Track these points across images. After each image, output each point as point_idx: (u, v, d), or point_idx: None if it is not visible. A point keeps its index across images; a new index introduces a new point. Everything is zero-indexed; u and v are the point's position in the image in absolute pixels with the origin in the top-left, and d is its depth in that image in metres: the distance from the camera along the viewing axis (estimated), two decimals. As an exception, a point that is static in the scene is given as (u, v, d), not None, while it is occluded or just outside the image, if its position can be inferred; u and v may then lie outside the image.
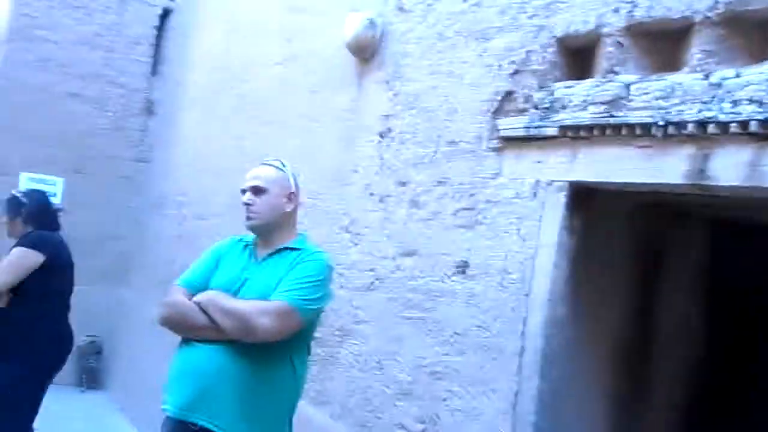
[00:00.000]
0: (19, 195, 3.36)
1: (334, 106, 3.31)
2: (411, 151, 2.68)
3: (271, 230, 2.17)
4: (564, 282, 1.99)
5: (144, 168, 6.10)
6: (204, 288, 2.13)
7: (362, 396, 2.71)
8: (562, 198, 1.99)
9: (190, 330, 2.06)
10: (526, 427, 1.96)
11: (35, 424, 3.28)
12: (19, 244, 3.19)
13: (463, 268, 2.29)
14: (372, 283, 2.82)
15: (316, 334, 3.09)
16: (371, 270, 2.84)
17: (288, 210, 2.17)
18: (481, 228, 2.24)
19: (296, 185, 2.23)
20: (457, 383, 2.22)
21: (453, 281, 2.33)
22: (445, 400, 2.25)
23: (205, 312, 2.02)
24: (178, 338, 2.20)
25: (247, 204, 2.15)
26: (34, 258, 3.14)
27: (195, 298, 2.08)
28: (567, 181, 1.99)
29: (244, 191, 2.18)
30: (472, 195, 2.30)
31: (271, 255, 2.15)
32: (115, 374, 5.58)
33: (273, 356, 2.03)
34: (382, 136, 2.88)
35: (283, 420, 2.10)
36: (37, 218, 3.29)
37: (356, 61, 3.11)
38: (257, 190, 2.15)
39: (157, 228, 5.48)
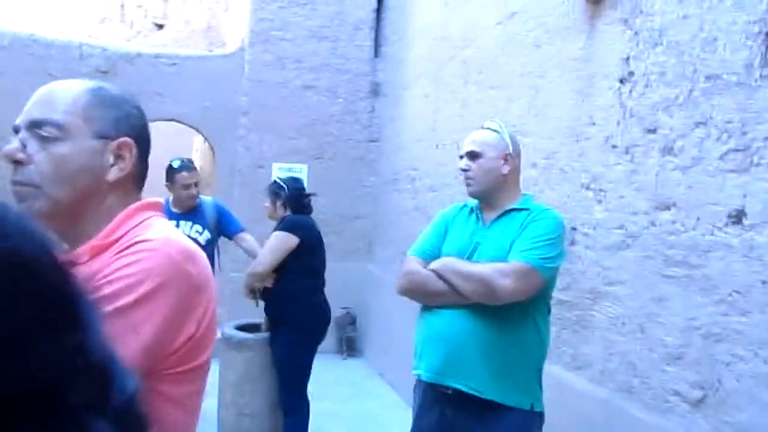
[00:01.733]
0: (279, 181, 3.74)
1: (562, 58, 3.13)
2: (659, 94, 2.42)
3: (491, 194, 2.14)
4: None
5: (375, 147, 6.41)
6: (436, 256, 2.17)
7: (623, 360, 2.55)
8: None
9: (430, 297, 2.11)
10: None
11: (308, 389, 3.66)
12: (277, 228, 3.54)
13: (738, 217, 2.01)
14: (623, 241, 2.62)
15: (565, 297, 2.99)
16: (621, 228, 2.65)
17: (505, 172, 2.13)
18: (759, 170, 1.94)
19: (514, 146, 2.17)
20: (741, 346, 1.97)
21: (726, 233, 2.06)
22: (728, 364, 2.01)
23: (442, 278, 2.05)
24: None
25: (464, 170, 2.15)
26: (290, 240, 3.47)
27: (431, 266, 2.12)
28: None
29: (461, 157, 2.18)
30: (743, 134, 2.01)
31: (498, 218, 2.13)
32: (371, 342, 6.00)
33: (516, 317, 2.02)
34: (622, 81, 2.64)
35: (532, 379, 2.08)
36: (294, 202, 3.63)
37: (585, 4, 2.90)
38: (473, 155, 2.14)
39: (394, 203, 5.74)
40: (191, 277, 0.97)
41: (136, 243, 0.96)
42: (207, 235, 3.83)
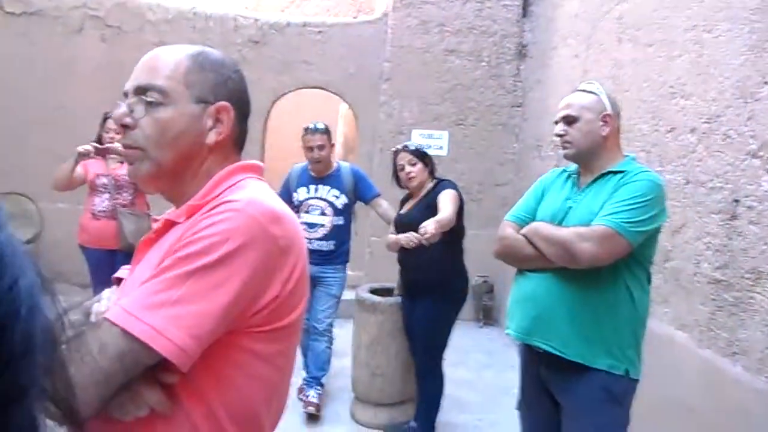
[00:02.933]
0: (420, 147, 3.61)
1: (734, 8, 2.78)
2: None
3: (590, 157, 2.10)
4: None
5: (519, 113, 6.18)
6: (532, 221, 2.18)
7: (790, 351, 2.26)
8: None
9: (521, 261, 2.16)
10: None
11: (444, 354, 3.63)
12: (441, 189, 3.40)
13: None
14: (797, 216, 2.30)
15: (721, 277, 2.70)
16: (795, 200, 2.33)
17: (604, 134, 2.08)
18: None
19: (613, 106, 2.10)
20: None
21: None
22: None
23: (531, 242, 2.08)
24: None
25: (559, 135, 2.12)
26: (458, 200, 3.36)
27: (522, 231, 2.15)
28: None
29: (556, 122, 2.13)
30: None
31: (593, 181, 2.09)
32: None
33: (604, 282, 1.98)
34: (804, 32, 2.29)
35: (627, 344, 2.02)
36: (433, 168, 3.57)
37: (762, -55, 2.54)
38: (569, 119, 2.10)
39: (537, 170, 5.51)
40: (275, 239, 0.97)
41: (222, 203, 0.97)
42: (344, 199, 3.89)
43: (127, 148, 1.07)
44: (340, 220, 3.88)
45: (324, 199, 3.88)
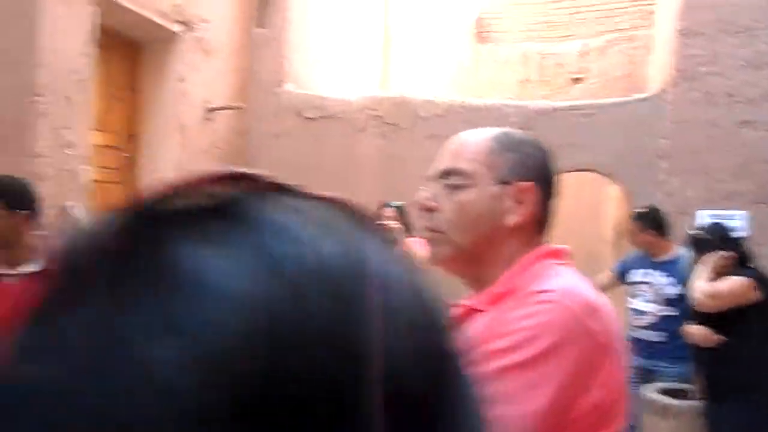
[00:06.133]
0: (699, 233, 3.19)
1: None
2: None
3: None
4: None
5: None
6: None
7: None
8: None
9: None
10: None
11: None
12: (736, 274, 2.99)
13: None
14: None
15: None
16: None
17: None
18: None
19: None
20: None
21: None
22: None
23: None
24: None
25: None
26: (752, 293, 2.89)
27: None
28: None
29: None
30: None
31: None
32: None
33: None
34: None
35: None
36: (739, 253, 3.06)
37: None
38: None
39: None
40: (594, 335, 0.86)
41: (534, 293, 0.90)
42: (678, 289, 3.42)
43: (429, 231, 1.08)
44: (672, 311, 3.43)
45: (654, 286, 3.54)
